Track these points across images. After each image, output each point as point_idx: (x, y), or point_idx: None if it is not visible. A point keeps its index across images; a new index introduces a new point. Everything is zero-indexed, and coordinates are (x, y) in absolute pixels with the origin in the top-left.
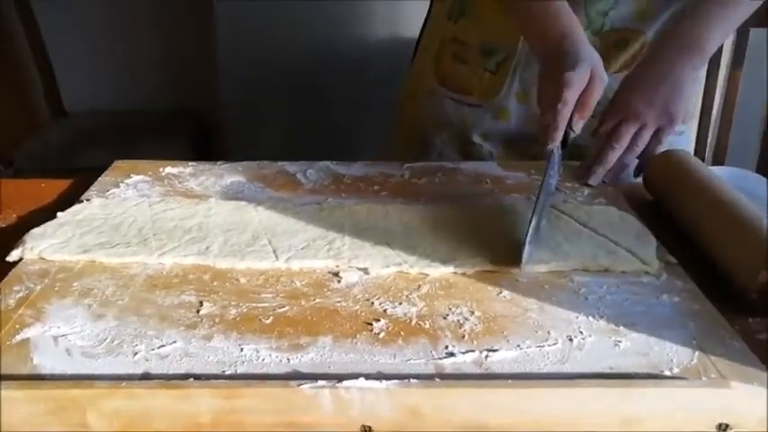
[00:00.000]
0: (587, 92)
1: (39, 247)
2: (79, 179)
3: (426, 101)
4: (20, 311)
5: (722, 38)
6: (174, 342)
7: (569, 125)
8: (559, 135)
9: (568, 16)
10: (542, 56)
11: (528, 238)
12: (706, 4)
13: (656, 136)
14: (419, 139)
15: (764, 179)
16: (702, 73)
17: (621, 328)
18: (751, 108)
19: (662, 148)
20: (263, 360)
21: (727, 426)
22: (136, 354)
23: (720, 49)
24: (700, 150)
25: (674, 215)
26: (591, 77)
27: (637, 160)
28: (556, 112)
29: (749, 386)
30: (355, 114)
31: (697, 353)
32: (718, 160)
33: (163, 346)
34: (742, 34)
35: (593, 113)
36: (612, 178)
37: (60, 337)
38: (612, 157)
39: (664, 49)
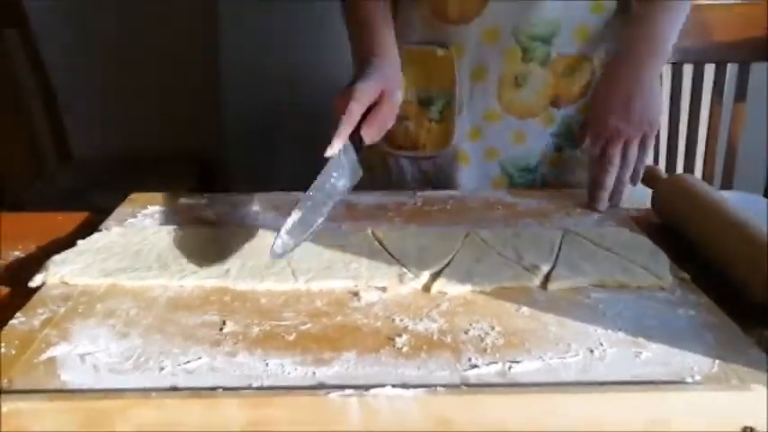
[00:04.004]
0: (376, 108)
1: (61, 271)
2: (94, 213)
3: (381, 169)
4: (45, 331)
5: (674, 38)
6: (200, 358)
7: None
8: (338, 143)
9: (381, 39)
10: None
11: (284, 230)
12: (651, 11)
13: (642, 145)
14: None
15: None
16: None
17: (641, 339)
18: (756, 138)
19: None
20: (289, 374)
21: (752, 429)
22: (162, 369)
23: (723, 84)
24: (707, 179)
25: (684, 234)
26: (381, 95)
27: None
28: (338, 121)
29: None
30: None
31: (717, 361)
32: (726, 188)
33: (189, 361)
34: (742, 70)
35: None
36: (617, 199)
37: (87, 354)
38: (610, 180)
39: (624, 60)
